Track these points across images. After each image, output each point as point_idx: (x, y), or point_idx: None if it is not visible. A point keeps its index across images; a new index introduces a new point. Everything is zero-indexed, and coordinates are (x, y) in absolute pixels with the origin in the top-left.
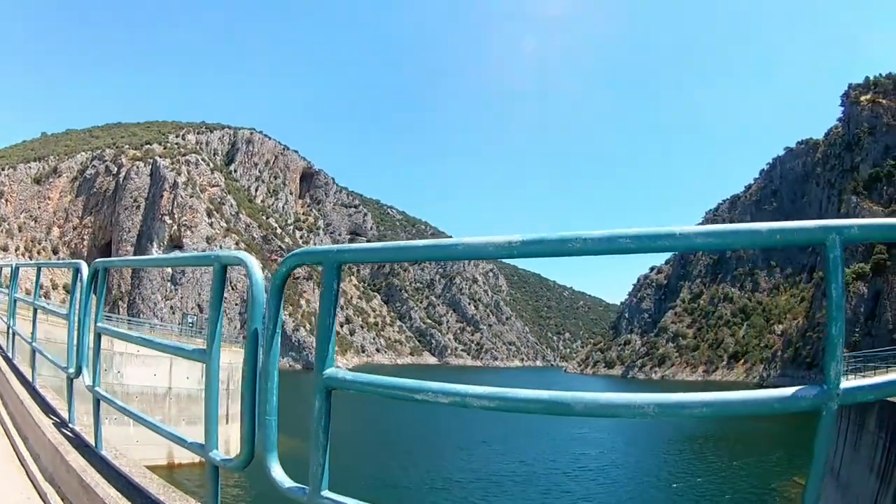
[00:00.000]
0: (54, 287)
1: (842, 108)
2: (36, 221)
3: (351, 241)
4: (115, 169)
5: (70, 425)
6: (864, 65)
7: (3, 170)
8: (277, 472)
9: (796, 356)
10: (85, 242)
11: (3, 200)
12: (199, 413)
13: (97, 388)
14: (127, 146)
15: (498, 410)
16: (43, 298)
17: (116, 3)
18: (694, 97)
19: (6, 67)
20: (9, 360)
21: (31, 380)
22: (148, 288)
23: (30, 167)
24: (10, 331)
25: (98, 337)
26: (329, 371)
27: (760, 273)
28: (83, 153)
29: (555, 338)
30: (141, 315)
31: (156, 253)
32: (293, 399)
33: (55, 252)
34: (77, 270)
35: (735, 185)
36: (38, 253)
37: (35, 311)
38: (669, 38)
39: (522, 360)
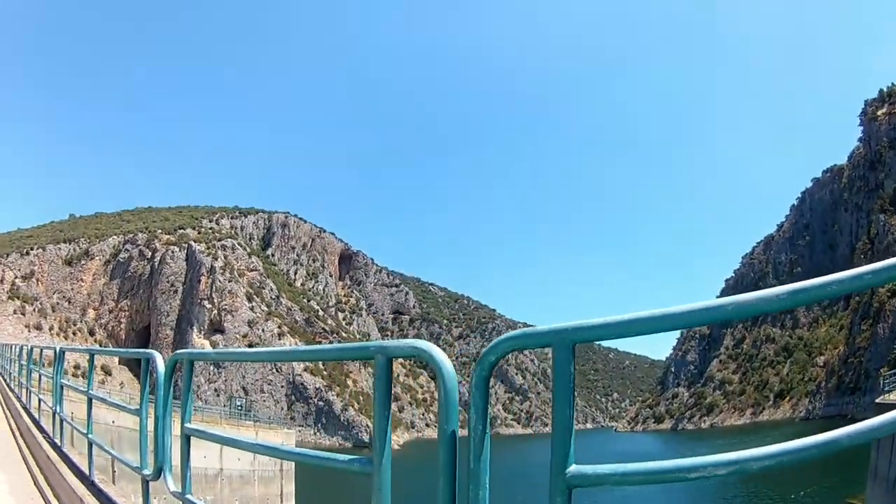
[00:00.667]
0: (93, 368)
1: (861, 128)
2: (70, 302)
3: (394, 319)
4: (150, 253)
5: (62, 449)
6: (877, 78)
7: (32, 249)
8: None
9: (840, 384)
10: (122, 325)
11: (34, 280)
12: (251, 494)
13: (188, 497)
14: (160, 230)
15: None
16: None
17: (125, 86)
18: (714, 146)
19: (32, 146)
20: (57, 448)
21: (87, 472)
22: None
23: (60, 248)
24: (56, 416)
25: (187, 439)
26: (572, 469)
27: (799, 308)
28: (115, 236)
29: (603, 399)
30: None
31: (195, 337)
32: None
33: (91, 334)
34: (148, 361)
35: (769, 225)
36: (74, 334)
37: (90, 400)
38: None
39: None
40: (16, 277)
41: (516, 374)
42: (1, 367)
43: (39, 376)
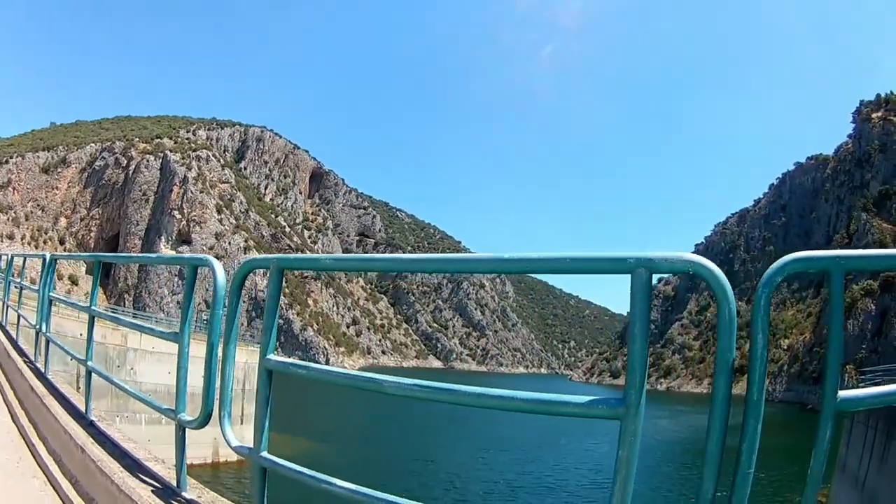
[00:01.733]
0: (59, 277)
1: (853, 125)
2: (43, 211)
3: (359, 241)
4: (125, 161)
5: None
6: (876, 83)
7: (10, 158)
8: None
9: (802, 371)
10: (92, 234)
11: (10, 188)
12: (212, 413)
13: (263, 455)
14: (137, 139)
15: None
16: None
17: None
18: (707, 109)
19: (15, 56)
20: (43, 378)
21: (83, 410)
22: (155, 282)
23: (38, 156)
24: (41, 337)
25: (269, 374)
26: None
27: None
28: (92, 144)
29: (560, 346)
30: (147, 309)
31: (163, 247)
32: (299, 393)
33: (61, 242)
34: (195, 269)
35: (744, 199)
36: (45, 243)
37: (92, 318)
38: (682, 50)
39: (527, 367)
40: None
41: (476, 308)
42: None
43: (20, 290)
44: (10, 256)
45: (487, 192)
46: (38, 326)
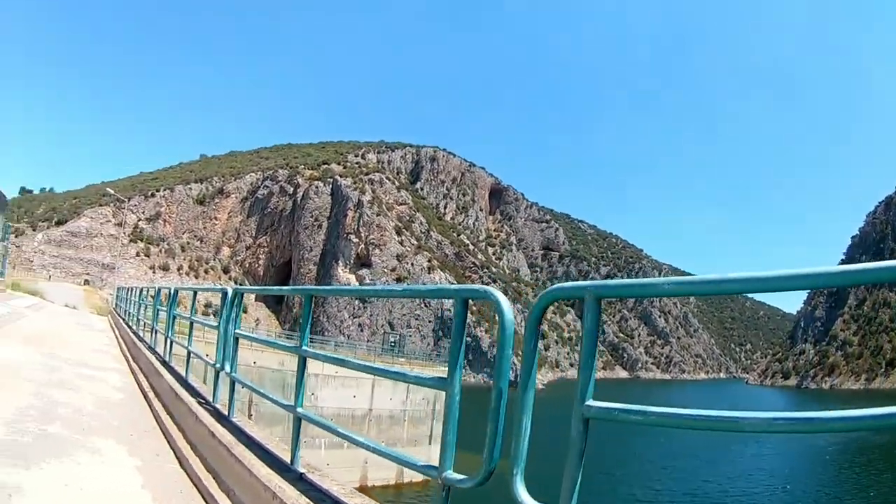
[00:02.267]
0: (208, 305)
1: None
2: (202, 241)
3: (544, 255)
4: (291, 189)
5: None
6: None
7: (158, 191)
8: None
9: None
10: (261, 262)
11: (159, 221)
12: (398, 435)
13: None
14: (302, 166)
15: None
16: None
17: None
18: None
19: (165, 91)
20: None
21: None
22: (334, 306)
23: (190, 188)
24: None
25: (236, 340)
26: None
27: None
28: (252, 174)
29: (737, 349)
30: (325, 333)
31: (341, 271)
32: (476, 412)
33: (225, 272)
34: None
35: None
36: (206, 272)
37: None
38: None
39: (707, 372)
40: (139, 220)
41: (659, 316)
42: (125, 311)
43: (191, 323)
44: (172, 290)
45: (665, 198)
46: (218, 366)
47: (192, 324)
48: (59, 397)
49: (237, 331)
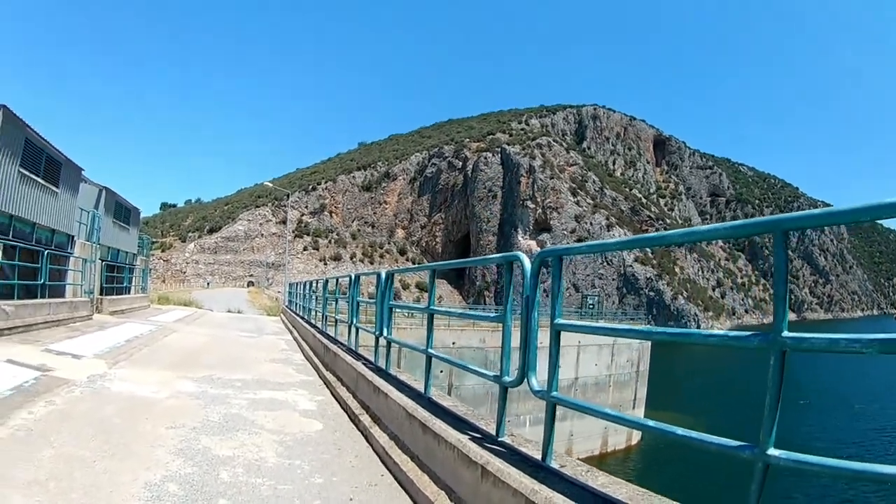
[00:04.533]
0: (405, 287)
1: None
2: (373, 227)
3: (711, 202)
4: (460, 163)
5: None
6: None
7: (319, 184)
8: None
9: None
10: (438, 239)
11: (325, 213)
12: (604, 399)
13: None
14: (467, 139)
15: None
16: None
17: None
18: None
19: (323, 87)
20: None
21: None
22: (518, 275)
23: (353, 177)
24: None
25: (557, 335)
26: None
27: None
28: (417, 154)
29: (886, 284)
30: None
31: (521, 238)
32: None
33: (402, 253)
34: (378, 276)
35: None
36: (381, 257)
37: (430, 316)
38: None
39: (863, 309)
40: (302, 215)
41: (819, 254)
42: (302, 307)
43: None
44: (353, 276)
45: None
46: (375, 332)
47: (356, 305)
48: (221, 449)
49: (390, 303)
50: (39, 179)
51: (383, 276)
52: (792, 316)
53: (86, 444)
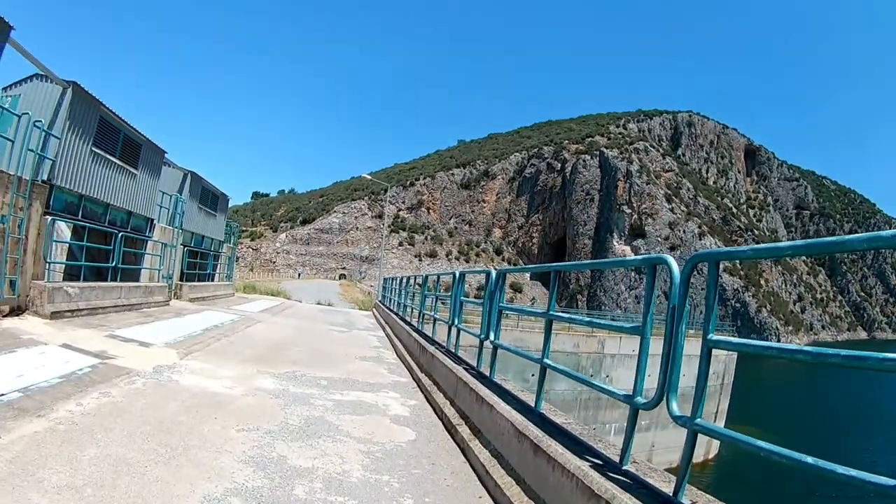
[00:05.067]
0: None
1: None
2: (470, 225)
3: (797, 215)
4: (559, 165)
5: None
6: None
7: (418, 180)
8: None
9: None
10: (535, 240)
11: (422, 209)
12: (687, 412)
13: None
14: (566, 141)
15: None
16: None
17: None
18: None
19: (423, 85)
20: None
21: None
22: (610, 279)
23: (452, 174)
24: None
25: (709, 353)
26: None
27: None
28: (517, 154)
29: None
30: (602, 307)
31: (616, 243)
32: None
33: (498, 252)
34: (488, 274)
35: None
36: (477, 256)
37: (549, 322)
38: None
39: None
40: (399, 210)
41: (892, 273)
42: (397, 303)
43: (461, 304)
44: (458, 274)
45: None
46: (481, 335)
47: (460, 304)
48: (299, 458)
49: (501, 304)
50: (115, 160)
51: (494, 275)
52: (863, 334)
53: (139, 445)
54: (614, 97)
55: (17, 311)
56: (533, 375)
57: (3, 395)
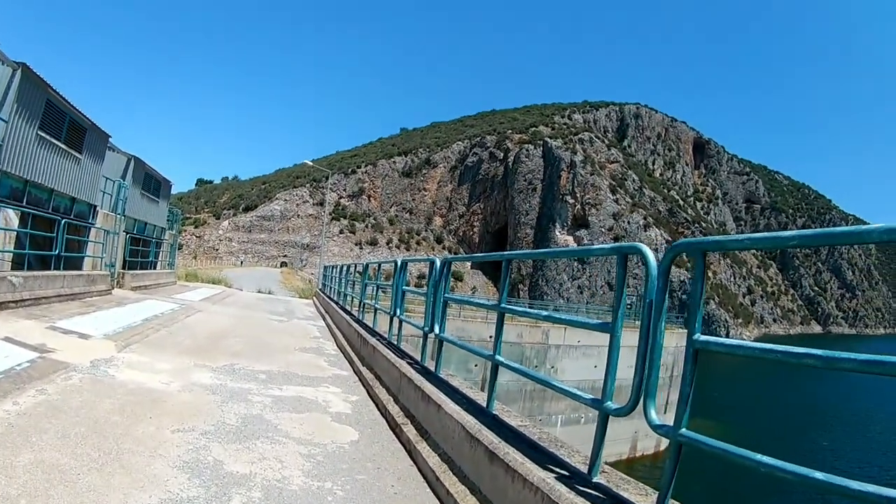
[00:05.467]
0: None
1: None
2: (411, 213)
3: (747, 209)
4: (501, 154)
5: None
6: None
7: (359, 167)
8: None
9: None
10: (475, 229)
11: (363, 197)
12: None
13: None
14: (509, 130)
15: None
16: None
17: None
18: None
19: (366, 73)
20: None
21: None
22: (552, 269)
23: (394, 162)
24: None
25: (695, 356)
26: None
27: None
28: (459, 142)
29: None
30: (544, 297)
31: (558, 233)
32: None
33: (438, 241)
34: (432, 263)
35: None
36: (418, 244)
37: (501, 316)
38: None
39: (885, 327)
40: (340, 197)
41: (848, 268)
42: (337, 292)
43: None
44: (399, 262)
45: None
46: (425, 328)
47: (401, 294)
48: (236, 463)
49: (447, 295)
50: (60, 144)
51: (438, 263)
52: (818, 328)
53: (73, 449)
54: (561, 87)
55: None
56: (476, 366)
57: None
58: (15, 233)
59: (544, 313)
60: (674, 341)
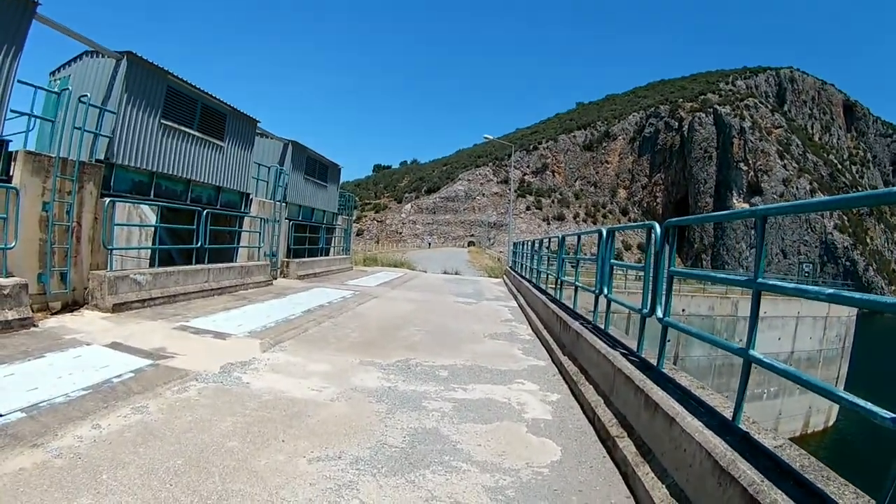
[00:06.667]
0: (627, 248)
1: None
2: (595, 187)
3: (894, 171)
4: (676, 123)
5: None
6: None
7: (540, 143)
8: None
9: None
10: (658, 199)
11: (547, 172)
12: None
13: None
14: (680, 99)
15: None
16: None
17: None
18: None
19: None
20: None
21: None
22: (731, 237)
23: (574, 136)
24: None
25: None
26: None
27: None
28: (635, 114)
29: None
30: (725, 266)
31: (735, 201)
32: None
33: (624, 213)
34: (650, 229)
35: None
36: (604, 217)
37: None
38: None
39: None
40: (524, 174)
41: None
42: (530, 270)
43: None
44: (604, 231)
45: None
46: (643, 310)
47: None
48: None
49: (672, 269)
50: (193, 131)
51: (659, 230)
52: None
53: (154, 494)
54: (720, 54)
55: (72, 306)
56: (669, 340)
57: (1, 416)
58: (152, 228)
59: (815, 289)
60: (845, 311)
